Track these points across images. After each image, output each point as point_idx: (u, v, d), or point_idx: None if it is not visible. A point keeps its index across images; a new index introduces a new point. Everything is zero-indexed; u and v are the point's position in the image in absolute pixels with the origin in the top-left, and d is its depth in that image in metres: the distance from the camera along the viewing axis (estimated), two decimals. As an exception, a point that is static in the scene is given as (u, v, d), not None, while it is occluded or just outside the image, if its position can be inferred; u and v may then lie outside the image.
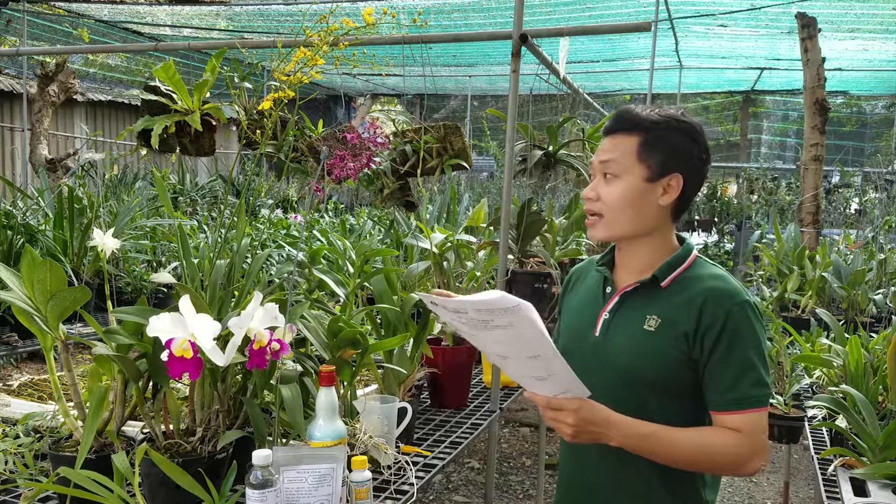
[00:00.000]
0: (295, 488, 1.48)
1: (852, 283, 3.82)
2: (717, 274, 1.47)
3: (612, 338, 1.49)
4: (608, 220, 1.48)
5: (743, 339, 1.39)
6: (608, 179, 1.47)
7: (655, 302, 1.46)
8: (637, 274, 1.51)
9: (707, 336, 1.39)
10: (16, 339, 3.03)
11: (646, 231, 1.49)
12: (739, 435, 1.37)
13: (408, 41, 2.76)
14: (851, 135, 14.30)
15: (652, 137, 1.45)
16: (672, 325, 1.43)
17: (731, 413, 1.39)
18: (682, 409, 1.44)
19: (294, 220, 5.16)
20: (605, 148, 1.49)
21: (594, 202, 1.48)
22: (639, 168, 1.45)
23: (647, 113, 1.46)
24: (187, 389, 1.70)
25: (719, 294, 1.41)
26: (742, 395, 1.38)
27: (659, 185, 1.46)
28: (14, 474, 1.70)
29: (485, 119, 11.47)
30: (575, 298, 1.65)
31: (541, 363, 1.25)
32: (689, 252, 1.50)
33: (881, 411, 2.12)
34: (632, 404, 1.42)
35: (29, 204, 3.93)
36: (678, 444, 1.38)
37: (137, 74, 10.22)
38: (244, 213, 1.88)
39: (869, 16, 6.78)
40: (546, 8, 6.86)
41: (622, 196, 1.45)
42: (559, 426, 1.34)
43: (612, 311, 1.51)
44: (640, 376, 1.44)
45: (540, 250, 3.03)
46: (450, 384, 2.47)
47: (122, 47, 7.59)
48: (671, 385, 1.43)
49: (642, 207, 1.46)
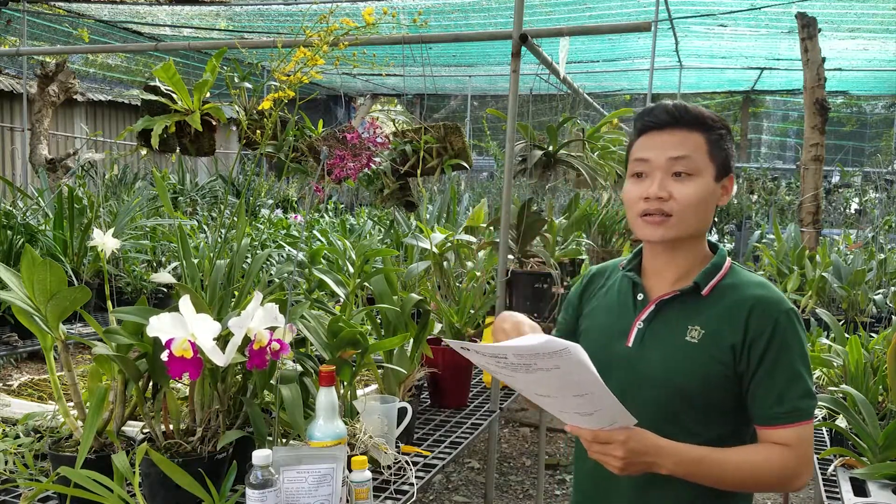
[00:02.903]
0: (295, 488, 1.48)
1: (852, 283, 3.82)
2: (758, 281, 1.41)
3: (649, 349, 1.41)
4: (679, 221, 1.37)
5: (790, 350, 1.33)
6: (681, 178, 1.37)
7: (697, 312, 1.39)
8: (671, 281, 1.44)
9: (754, 347, 1.33)
10: (16, 339, 3.03)
11: (700, 233, 1.42)
12: (787, 449, 1.31)
13: (408, 41, 2.76)
14: (851, 135, 14.31)
15: (715, 136, 1.39)
16: (716, 336, 1.36)
17: (778, 427, 1.32)
18: (721, 423, 1.38)
19: (294, 220, 5.16)
20: (668, 144, 1.38)
21: (665, 201, 1.37)
22: (710, 167, 1.38)
23: (703, 110, 1.40)
24: (187, 389, 1.70)
25: (766, 303, 1.35)
26: (790, 408, 1.32)
27: (720, 185, 1.41)
28: (14, 474, 1.70)
29: (485, 119, 11.48)
30: (598, 304, 1.55)
31: (587, 400, 1.19)
32: (724, 258, 1.44)
33: (881, 411, 2.12)
34: (668, 418, 1.36)
35: (29, 204, 3.93)
36: (727, 466, 1.31)
37: (137, 74, 10.22)
38: (244, 213, 1.88)
39: (869, 16, 6.78)
40: (546, 8, 6.86)
41: (698, 195, 1.37)
42: (607, 460, 1.26)
43: (647, 320, 1.43)
44: (679, 390, 1.37)
45: (540, 250, 3.03)
46: (450, 384, 2.47)
47: (122, 47, 7.60)
48: (712, 398, 1.37)
49: (709, 208, 1.40)
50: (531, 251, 3.00)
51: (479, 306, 2.67)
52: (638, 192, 1.40)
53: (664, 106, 1.41)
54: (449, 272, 2.82)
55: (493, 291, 2.65)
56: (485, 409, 2.48)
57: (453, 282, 2.83)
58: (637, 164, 1.41)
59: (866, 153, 13.77)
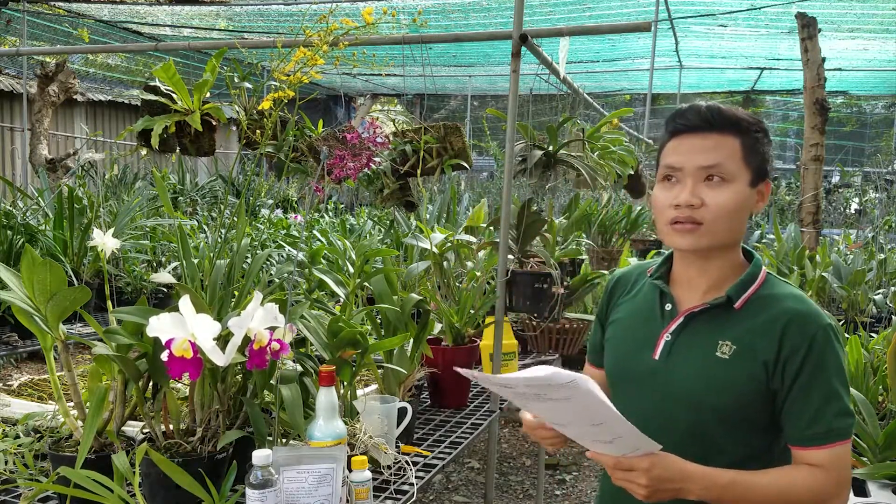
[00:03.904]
0: (295, 488, 1.48)
1: (852, 283, 3.83)
2: (794, 294, 1.34)
3: (677, 363, 1.35)
4: (711, 229, 1.30)
5: (827, 367, 1.27)
6: (714, 183, 1.30)
7: (728, 326, 1.33)
8: (703, 291, 1.37)
9: (789, 364, 1.27)
10: (16, 339, 3.03)
11: (735, 241, 1.36)
12: (822, 471, 1.25)
13: (407, 41, 2.76)
14: (851, 135, 14.31)
15: (751, 140, 1.32)
16: (749, 352, 1.29)
17: (813, 449, 1.26)
18: (751, 441, 1.32)
19: (294, 220, 5.16)
20: (700, 148, 1.31)
21: (697, 209, 1.29)
22: (745, 172, 1.31)
23: (739, 112, 1.34)
24: (187, 389, 1.70)
25: (802, 318, 1.29)
26: (826, 428, 1.26)
27: (756, 191, 1.34)
28: (14, 474, 1.70)
29: (485, 119, 11.48)
30: (624, 311, 1.48)
31: (605, 429, 1.16)
32: (759, 268, 1.37)
33: (881, 411, 2.12)
34: (696, 436, 1.31)
35: (29, 204, 3.93)
36: (758, 490, 1.25)
37: (137, 74, 10.22)
38: (244, 213, 1.88)
39: (869, 16, 6.78)
40: (546, 8, 6.87)
41: (733, 202, 1.30)
42: (632, 487, 1.21)
43: (675, 332, 1.37)
44: (709, 406, 1.31)
45: (540, 250, 3.03)
46: (450, 384, 2.47)
47: (122, 47, 7.59)
48: (742, 416, 1.31)
49: (743, 215, 1.33)
50: (531, 251, 3.00)
51: (479, 306, 2.67)
52: (668, 199, 1.33)
53: (697, 108, 1.34)
54: (449, 272, 2.82)
55: (493, 291, 2.65)
56: (485, 409, 2.48)
57: (453, 282, 2.83)
58: (667, 168, 1.35)
59: (866, 153, 13.77)
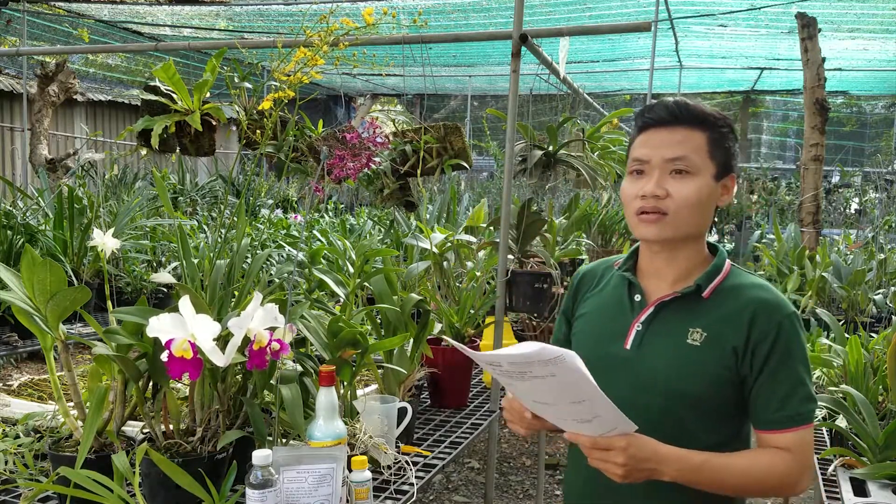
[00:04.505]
0: (295, 488, 1.48)
1: (852, 283, 3.82)
2: (759, 283, 1.39)
3: (649, 352, 1.39)
4: (674, 220, 1.35)
5: (793, 354, 1.33)
6: (680, 176, 1.35)
7: (698, 314, 1.37)
8: (670, 282, 1.42)
9: (758, 351, 1.33)
10: (16, 339, 3.03)
11: (699, 233, 1.41)
12: (789, 454, 1.31)
13: (407, 41, 2.76)
14: (851, 135, 14.30)
15: (717, 135, 1.37)
16: (719, 339, 1.34)
17: (780, 432, 1.32)
18: (722, 426, 1.37)
19: (294, 220, 5.16)
20: (667, 142, 1.36)
21: (662, 199, 1.35)
22: (710, 166, 1.36)
23: (705, 108, 1.38)
24: (187, 389, 1.70)
25: (769, 306, 1.34)
26: (793, 412, 1.32)
27: (720, 185, 1.39)
28: (14, 474, 1.70)
29: (485, 119, 11.48)
30: (592, 305, 1.52)
31: (585, 406, 1.18)
32: (724, 260, 1.42)
33: (881, 411, 2.12)
34: (670, 422, 1.35)
35: (29, 204, 3.93)
36: (730, 471, 1.30)
37: (137, 74, 10.22)
38: (244, 213, 1.88)
39: (869, 16, 6.78)
40: (546, 8, 6.86)
41: (697, 194, 1.35)
42: (608, 467, 1.23)
43: (646, 322, 1.41)
44: (681, 393, 1.35)
45: (540, 250, 3.03)
46: (450, 384, 2.47)
47: (122, 47, 7.59)
48: (715, 402, 1.35)
49: (707, 208, 1.38)
50: (531, 251, 3.00)
51: (479, 306, 2.67)
52: (635, 190, 1.38)
53: (665, 103, 1.39)
54: (449, 272, 2.82)
55: (493, 291, 2.65)
56: (485, 409, 2.48)
57: (453, 282, 2.83)
58: (635, 162, 1.40)
59: (866, 153, 13.76)
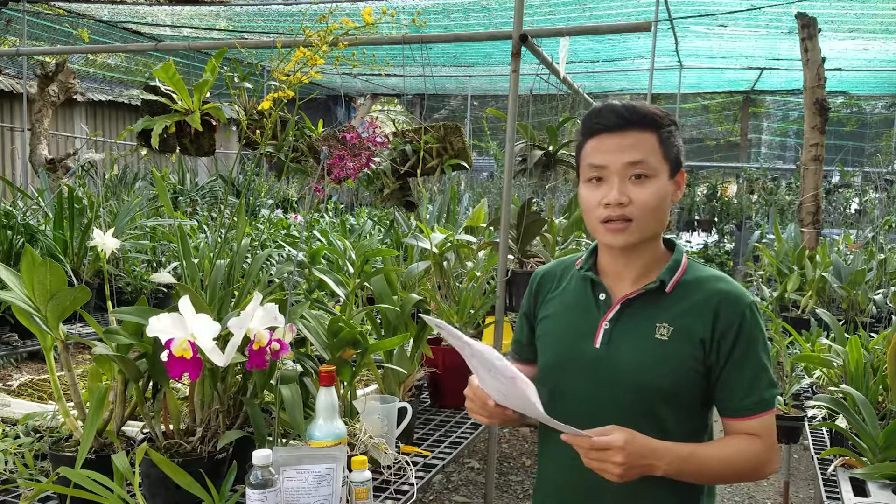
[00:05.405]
0: (295, 488, 1.48)
1: (852, 283, 3.82)
2: (718, 275, 1.42)
3: (618, 349, 1.40)
4: (639, 225, 1.36)
5: (756, 342, 1.37)
6: (640, 181, 1.35)
7: (663, 309, 1.40)
8: (632, 280, 1.43)
9: (723, 340, 1.35)
10: (16, 339, 3.03)
11: (659, 232, 1.43)
12: (757, 439, 1.35)
13: (408, 41, 2.77)
14: (851, 135, 14.29)
15: (666, 133, 1.38)
16: (686, 331, 1.37)
17: (747, 418, 1.36)
18: (691, 418, 1.40)
19: (294, 220, 5.15)
20: (621, 146, 1.36)
21: (625, 207, 1.35)
22: (664, 166, 1.38)
23: (651, 107, 1.39)
24: (187, 389, 1.70)
25: (731, 297, 1.37)
26: (759, 398, 1.36)
27: (673, 182, 1.41)
28: (14, 474, 1.70)
29: (485, 119, 11.47)
30: (555, 306, 1.52)
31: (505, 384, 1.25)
32: (682, 255, 1.45)
33: (881, 411, 2.12)
34: (643, 417, 1.35)
35: (29, 204, 3.93)
36: (710, 460, 1.33)
37: (137, 74, 10.22)
38: (244, 213, 1.88)
39: (869, 16, 6.78)
40: (546, 8, 6.86)
41: (657, 196, 1.36)
42: (605, 467, 1.23)
43: (613, 319, 1.42)
44: (653, 387, 1.37)
45: (540, 250, 3.03)
46: (450, 384, 2.47)
47: (122, 47, 7.59)
48: (685, 394, 1.38)
49: (666, 207, 1.40)
50: (531, 251, 3.00)
51: (479, 306, 2.67)
52: (597, 198, 1.38)
53: (612, 107, 1.38)
54: (449, 272, 2.82)
55: (493, 291, 2.65)
56: (485, 409, 2.48)
57: (453, 282, 2.83)
58: (592, 169, 1.39)
59: (866, 153, 13.75)
